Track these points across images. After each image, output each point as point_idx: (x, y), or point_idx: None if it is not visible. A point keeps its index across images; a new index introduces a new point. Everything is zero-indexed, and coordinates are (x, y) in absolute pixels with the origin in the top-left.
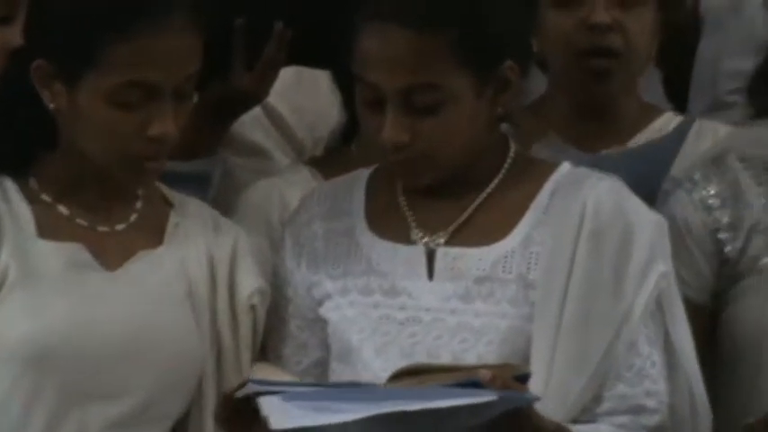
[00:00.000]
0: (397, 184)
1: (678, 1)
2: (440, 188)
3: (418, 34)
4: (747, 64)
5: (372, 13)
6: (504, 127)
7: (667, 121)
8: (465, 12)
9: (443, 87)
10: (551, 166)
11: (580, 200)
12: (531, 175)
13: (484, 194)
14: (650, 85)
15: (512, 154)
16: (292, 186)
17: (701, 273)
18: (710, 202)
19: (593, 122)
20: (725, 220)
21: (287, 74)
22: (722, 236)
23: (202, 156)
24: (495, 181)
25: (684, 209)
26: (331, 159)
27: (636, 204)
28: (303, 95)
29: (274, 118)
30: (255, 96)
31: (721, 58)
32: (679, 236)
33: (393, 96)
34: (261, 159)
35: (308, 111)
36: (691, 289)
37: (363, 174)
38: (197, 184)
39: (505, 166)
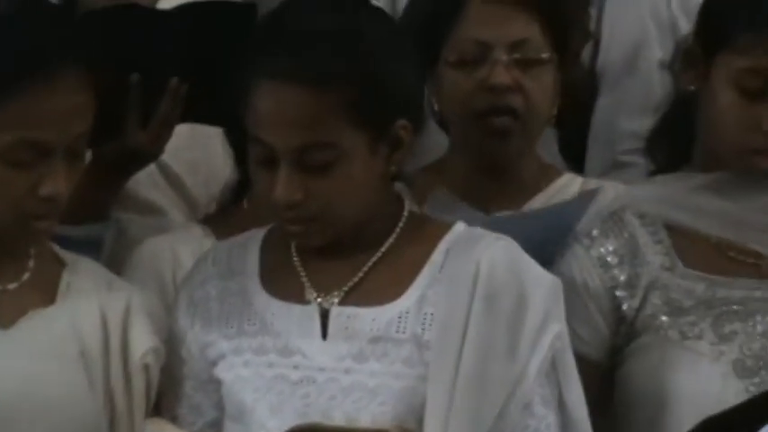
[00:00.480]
0: (290, 244)
1: (575, 61)
2: (334, 247)
3: (312, 93)
4: (644, 124)
5: (266, 71)
6: (398, 186)
7: (567, 183)
8: (359, 70)
9: (337, 146)
10: (446, 226)
11: (474, 260)
12: (425, 234)
13: (378, 254)
14: (546, 145)
15: (405, 213)
16: (184, 244)
17: (598, 330)
18: (608, 259)
19: (493, 182)
20: (622, 277)
21: (181, 131)
22: (619, 293)
23: (95, 218)
24: (390, 240)
25: (582, 266)
26: (223, 217)
27: (530, 265)
28: (197, 152)
29: (169, 175)
30: (150, 154)
31: (618, 118)
32: (576, 293)
33: (287, 155)
34: (155, 217)
35: (202, 168)
36: (588, 346)
37: (258, 233)
38: (89, 248)
39: (399, 225)
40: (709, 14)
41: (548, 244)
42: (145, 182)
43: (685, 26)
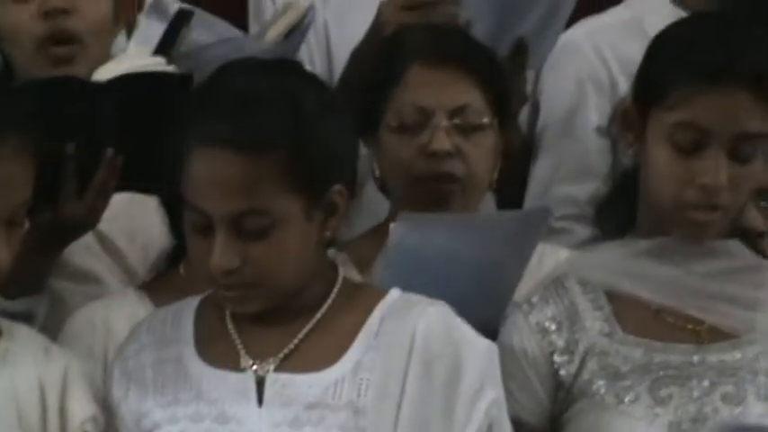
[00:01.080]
0: (225, 311)
1: (514, 126)
2: (269, 314)
3: (248, 159)
4: (580, 189)
5: (201, 138)
6: (338, 254)
7: None
8: (294, 136)
9: (273, 212)
10: (380, 292)
11: (410, 326)
12: (360, 300)
13: (313, 320)
14: (484, 209)
15: (340, 279)
16: (117, 312)
17: (536, 396)
18: (546, 325)
19: None
20: (560, 343)
21: (118, 199)
22: (557, 359)
23: (31, 288)
24: (324, 307)
25: (521, 332)
26: (160, 283)
27: (465, 331)
28: (135, 220)
29: (106, 244)
30: (86, 224)
31: (554, 183)
32: (515, 359)
33: (223, 221)
34: (92, 285)
35: (139, 235)
36: (527, 413)
37: (193, 301)
38: (23, 318)
39: (334, 291)
40: (643, 73)
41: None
42: (81, 250)
43: (626, 89)
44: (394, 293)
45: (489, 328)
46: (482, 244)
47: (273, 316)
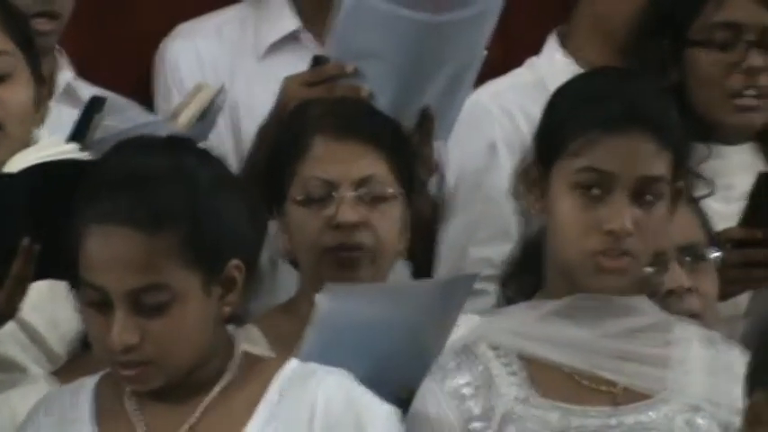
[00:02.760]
0: (124, 388)
1: (423, 194)
2: (167, 391)
3: (144, 235)
4: (495, 251)
5: (97, 216)
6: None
7: None
8: (190, 213)
9: (171, 287)
10: (278, 363)
11: (310, 395)
12: (258, 372)
13: (212, 395)
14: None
15: (238, 353)
16: (25, 398)
17: None
18: (463, 391)
19: None
20: (477, 410)
21: (40, 286)
22: (475, 425)
23: None
24: (223, 381)
25: (437, 399)
26: (71, 366)
27: (365, 397)
28: (56, 307)
29: (28, 331)
30: (5, 315)
31: (469, 245)
32: (431, 427)
33: (121, 298)
34: (15, 373)
35: (62, 322)
36: None
37: (91, 379)
38: None
39: (234, 365)
40: (543, 128)
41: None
42: (3, 339)
43: None
44: (292, 363)
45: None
46: (407, 311)
47: (172, 392)
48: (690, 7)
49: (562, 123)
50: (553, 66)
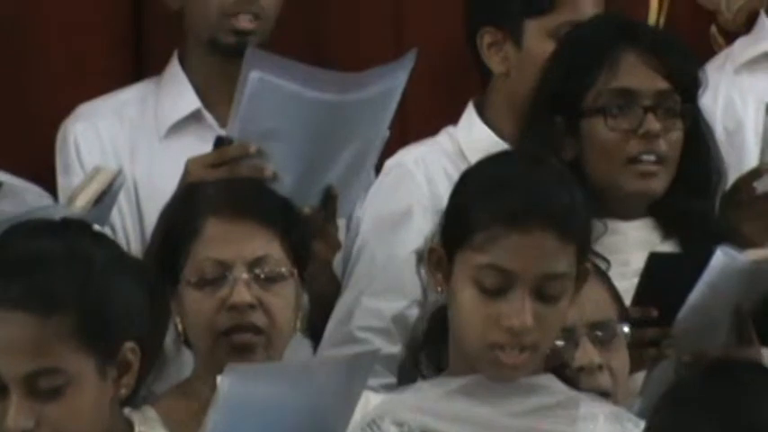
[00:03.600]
0: None
1: (327, 273)
2: None
3: (38, 319)
4: (388, 305)
5: None
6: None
7: None
8: (83, 296)
9: (66, 371)
10: None
11: None
12: None
13: None
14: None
15: None
16: None
17: None
18: None
19: None
20: None
21: None
22: None
23: None
24: None
25: None
26: None
27: None
28: None
29: None
30: None
31: (363, 295)
32: None
33: (15, 382)
34: None
35: None
36: None
37: None
38: None
39: None
40: (449, 214)
41: None
42: None
43: None
44: None
45: None
46: (312, 390)
47: None
48: (584, 76)
49: (466, 214)
50: (472, 135)
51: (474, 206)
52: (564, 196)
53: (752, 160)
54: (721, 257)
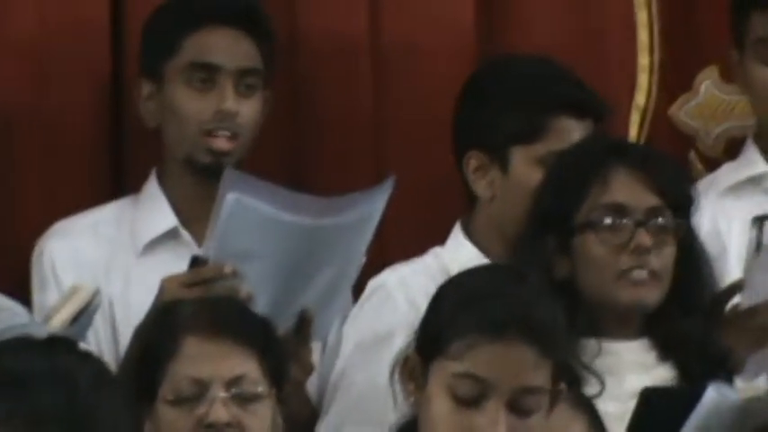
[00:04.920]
0: None
1: (301, 395)
2: None
3: None
4: None
5: None
6: None
7: None
8: (69, 414)
9: None
10: None
11: None
12: None
13: None
14: None
15: None
16: None
17: None
18: None
19: None
20: None
21: None
22: None
23: None
24: None
25: None
26: None
27: None
28: None
29: None
30: None
31: (343, 424)
32: None
33: None
34: None
35: None
36: None
37: None
38: None
39: None
40: (426, 322)
41: None
42: None
43: None
44: None
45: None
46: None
47: None
48: (575, 194)
49: (444, 321)
50: (458, 254)
51: (453, 314)
52: (545, 311)
53: None
54: (713, 396)
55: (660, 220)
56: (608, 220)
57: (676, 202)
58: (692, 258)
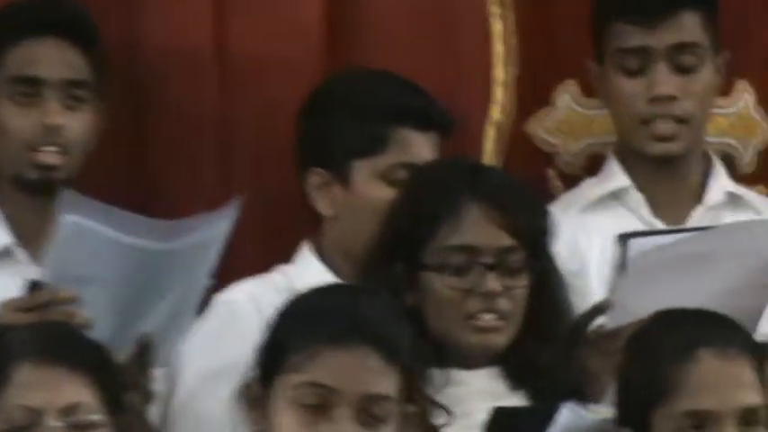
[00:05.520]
0: None
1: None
2: None
3: None
4: None
5: None
6: None
7: None
8: None
9: None
10: None
11: None
12: None
13: None
14: None
15: None
16: None
17: None
18: None
19: None
20: None
21: None
22: None
23: None
24: None
25: None
26: None
27: None
28: None
29: None
30: None
31: None
32: None
33: None
34: None
35: None
36: None
37: None
38: None
39: None
40: (265, 342)
41: None
42: None
43: None
44: None
45: None
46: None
47: None
48: (424, 230)
49: (284, 336)
50: (306, 272)
51: (293, 328)
52: (388, 318)
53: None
54: (566, 414)
55: (513, 260)
56: (458, 261)
57: (531, 240)
58: (547, 288)
